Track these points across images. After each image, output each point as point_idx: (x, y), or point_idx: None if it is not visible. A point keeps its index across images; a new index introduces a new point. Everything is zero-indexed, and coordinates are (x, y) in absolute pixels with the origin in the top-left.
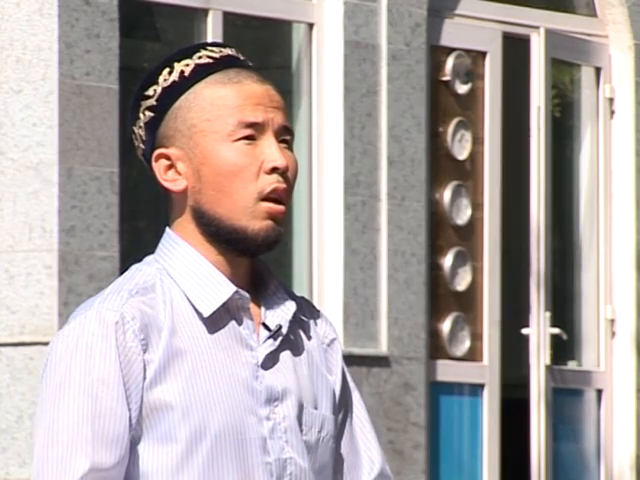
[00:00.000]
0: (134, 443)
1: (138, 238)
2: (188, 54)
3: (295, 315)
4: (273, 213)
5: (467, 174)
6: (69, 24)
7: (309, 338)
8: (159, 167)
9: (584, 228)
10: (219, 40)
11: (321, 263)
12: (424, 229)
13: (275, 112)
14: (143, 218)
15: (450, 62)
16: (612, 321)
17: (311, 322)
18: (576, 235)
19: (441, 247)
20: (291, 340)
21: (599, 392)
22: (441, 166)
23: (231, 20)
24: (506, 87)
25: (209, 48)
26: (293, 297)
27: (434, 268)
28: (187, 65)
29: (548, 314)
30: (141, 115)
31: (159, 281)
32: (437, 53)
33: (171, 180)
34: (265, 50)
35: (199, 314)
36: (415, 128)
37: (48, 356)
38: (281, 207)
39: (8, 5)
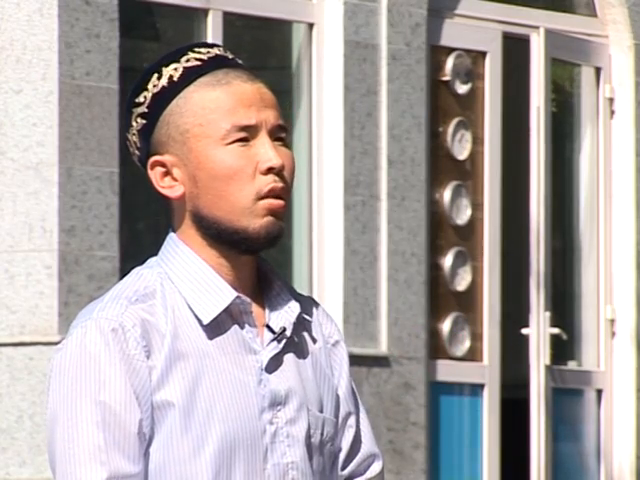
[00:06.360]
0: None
1: (138, 238)
2: (175, 58)
3: (299, 317)
4: (273, 209)
5: (467, 174)
6: (69, 24)
7: (314, 339)
8: (155, 174)
9: (584, 228)
10: (219, 40)
11: (321, 263)
12: (424, 229)
13: (267, 111)
14: (143, 218)
15: (450, 62)
16: (612, 321)
17: (316, 323)
18: (576, 235)
19: (441, 247)
20: (295, 342)
21: (599, 392)
22: (441, 166)
23: (231, 20)
24: (506, 87)
25: (196, 50)
26: (297, 298)
27: (434, 268)
28: (175, 70)
29: (548, 314)
30: (134, 122)
31: (160, 286)
32: (437, 53)
33: (168, 187)
34: (265, 50)
35: (199, 321)
36: (415, 128)
37: (52, 370)
38: (280, 202)
39: (8, 5)
